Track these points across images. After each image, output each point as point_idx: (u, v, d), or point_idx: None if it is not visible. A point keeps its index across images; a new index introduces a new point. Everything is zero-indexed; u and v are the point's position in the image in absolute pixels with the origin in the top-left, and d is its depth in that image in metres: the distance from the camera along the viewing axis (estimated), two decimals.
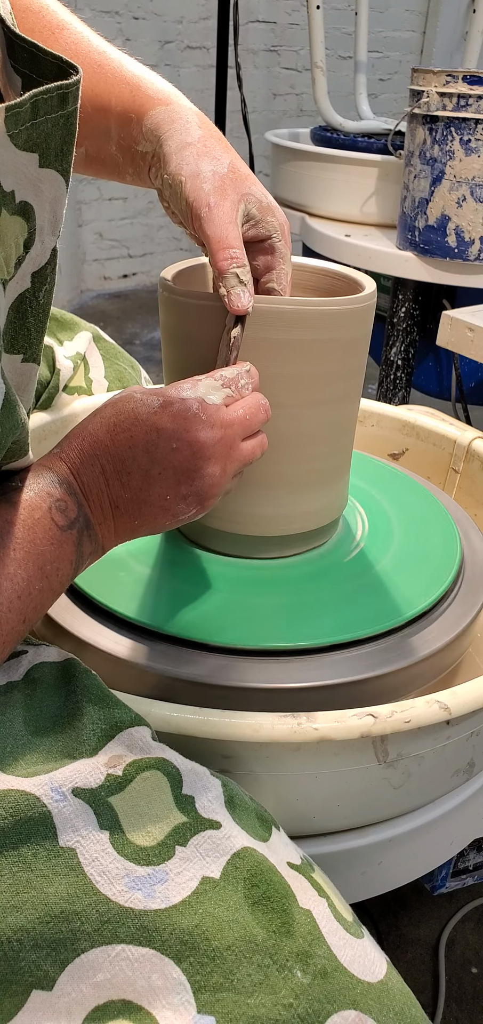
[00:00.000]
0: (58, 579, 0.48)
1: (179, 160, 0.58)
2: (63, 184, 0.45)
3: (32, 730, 0.45)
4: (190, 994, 0.38)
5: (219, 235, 0.56)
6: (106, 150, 0.65)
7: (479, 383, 1.66)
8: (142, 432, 0.50)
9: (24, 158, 0.41)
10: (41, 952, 0.38)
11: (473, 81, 1.32)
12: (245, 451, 0.55)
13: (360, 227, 1.68)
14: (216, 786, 0.45)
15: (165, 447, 0.50)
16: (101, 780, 0.43)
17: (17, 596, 0.45)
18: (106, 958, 0.38)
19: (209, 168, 0.57)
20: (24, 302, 0.46)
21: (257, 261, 0.63)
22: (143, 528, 0.53)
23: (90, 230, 3.29)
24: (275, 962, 0.39)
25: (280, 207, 0.62)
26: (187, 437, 0.50)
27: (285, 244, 0.63)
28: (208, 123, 0.61)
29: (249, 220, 0.60)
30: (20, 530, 0.46)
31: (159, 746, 0.46)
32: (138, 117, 0.61)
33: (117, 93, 0.62)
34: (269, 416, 0.57)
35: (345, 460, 0.72)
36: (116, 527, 0.52)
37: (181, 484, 0.51)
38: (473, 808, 0.65)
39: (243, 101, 2.29)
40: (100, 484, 0.50)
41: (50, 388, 0.90)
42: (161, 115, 0.60)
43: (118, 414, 0.51)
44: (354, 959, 0.42)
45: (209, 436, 0.51)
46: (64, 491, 0.49)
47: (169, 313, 0.65)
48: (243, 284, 0.56)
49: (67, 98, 0.43)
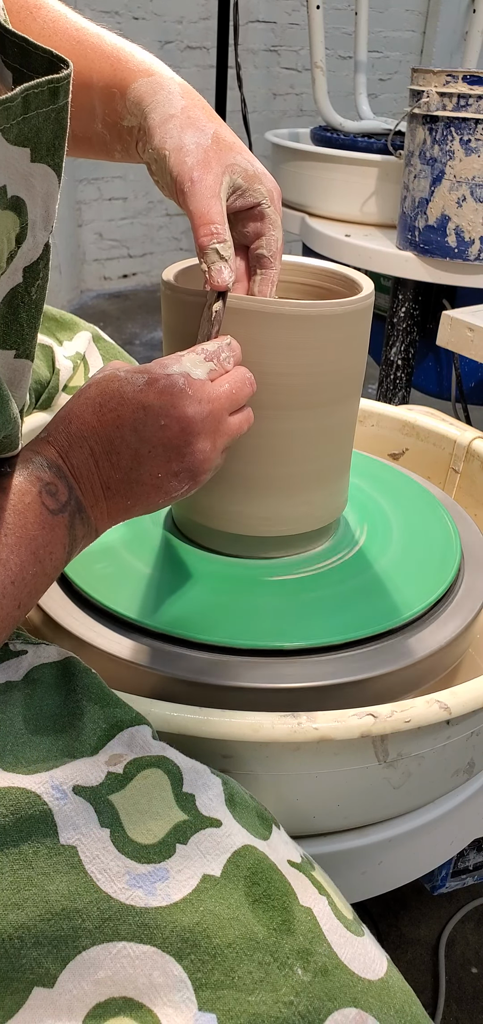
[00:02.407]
0: (52, 563, 0.48)
1: (163, 133, 0.57)
2: (55, 179, 0.45)
3: (32, 729, 0.45)
4: (191, 991, 0.38)
5: (201, 210, 0.55)
6: (92, 128, 0.64)
7: (479, 383, 1.66)
8: (129, 411, 0.49)
9: (16, 152, 0.41)
10: (42, 949, 0.38)
11: (473, 81, 1.32)
12: (233, 425, 0.55)
13: (360, 227, 1.68)
14: (216, 784, 0.45)
15: (153, 424, 0.50)
16: (102, 778, 0.43)
17: (11, 582, 0.45)
18: (107, 955, 0.38)
19: (192, 140, 0.56)
20: (16, 297, 0.46)
21: (247, 228, 0.62)
22: (137, 508, 0.52)
23: (90, 230, 3.29)
24: (276, 960, 0.39)
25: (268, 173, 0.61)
26: (175, 413, 0.50)
27: (275, 210, 0.62)
28: (191, 92, 0.60)
29: (236, 190, 0.59)
30: (11, 516, 0.45)
31: (159, 744, 0.46)
32: (121, 91, 0.60)
33: (98, 68, 0.61)
34: (255, 389, 0.57)
35: (345, 461, 0.72)
36: (109, 509, 0.51)
37: (172, 461, 0.51)
38: (473, 808, 0.65)
39: (243, 101, 2.29)
40: (90, 466, 0.49)
41: (50, 388, 0.90)
42: (144, 87, 0.59)
43: (103, 394, 0.50)
44: (354, 957, 0.42)
45: (197, 411, 0.51)
46: (54, 474, 0.48)
47: (171, 311, 0.65)
48: (224, 260, 0.55)
49: (58, 92, 0.43)
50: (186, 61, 3.24)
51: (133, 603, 0.64)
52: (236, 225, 0.62)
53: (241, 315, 0.59)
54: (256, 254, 0.63)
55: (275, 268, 0.63)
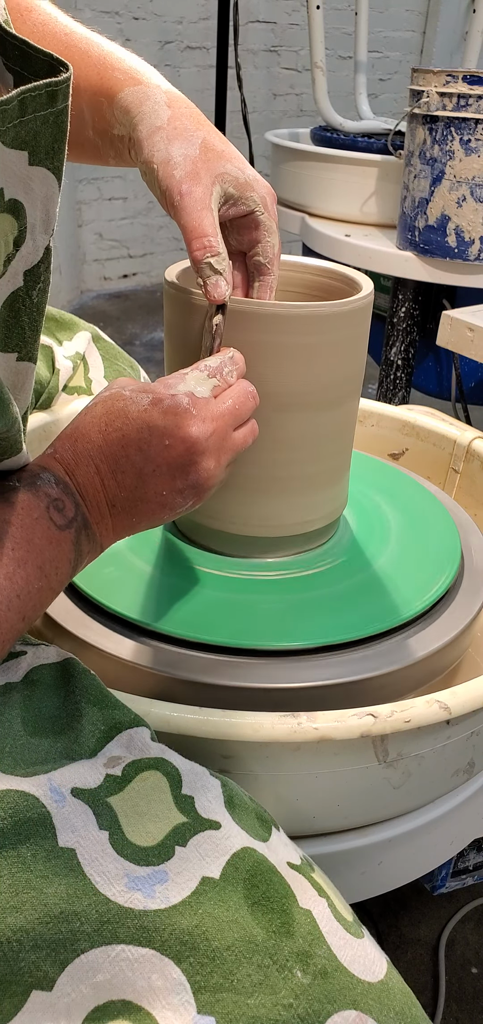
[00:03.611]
0: (57, 578, 0.48)
1: (150, 146, 0.56)
2: (55, 182, 0.45)
3: (31, 731, 0.45)
4: (190, 994, 0.38)
5: (192, 224, 0.54)
6: (84, 135, 0.63)
7: (479, 383, 1.66)
8: (134, 430, 0.50)
9: (13, 155, 0.41)
10: (41, 953, 0.38)
11: (473, 81, 1.32)
12: (237, 440, 0.55)
13: (360, 227, 1.68)
14: (215, 786, 0.45)
15: (158, 444, 0.50)
16: (100, 781, 0.43)
17: (16, 595, 0.45)
18: (106, 958, 0.38)
19: (180, 152, 0.55)
20: (17, 300, 0.46)
21: (242, 236, 0.62)
22: (142, 524, 0.53)
23: (90, 230, 3.29)
24: (275, 962, 0.39)
25: (261, 177, 0.60)
26: (179, 433, 0.50)
27: (269, 216, 0.61)
28: (178, 100, 0.59)
29: (228, 200, 0.58)
30: (18, 530, 0.46)
31: (158, 746, 0.46)
32: (108, 100, 0.60)
33: (85, 76, 0.60)
34: (257, 403, 0.57)
35: (345, 461, 0.72)
36: (114, 525, 0.52)
37: (176, 479, 0.51)
38: (473, 808, 0.65)
39: (243, 101, 2.29)
40: (95, 484, 0.50)
41: (50, 388, 0.90)
42: (130, 96, 0.59)
43: (109, 413, 0.51)
44: (354, 959, 0.42)
45: (201, 430, 0.51)
46: (61, 490, 0.48)
47: (174, 311, 0.65)
48: (219, 273, 0.55)
49: (57, 95, 0.42)
50: (186, 61, 3.24)
51: (133, 603, 0.64)
52: (231, 233, 0.62)
53: (240, 317, 0.59)
54: (254, 261, 0.63)
55: (273, 274, 0.63)
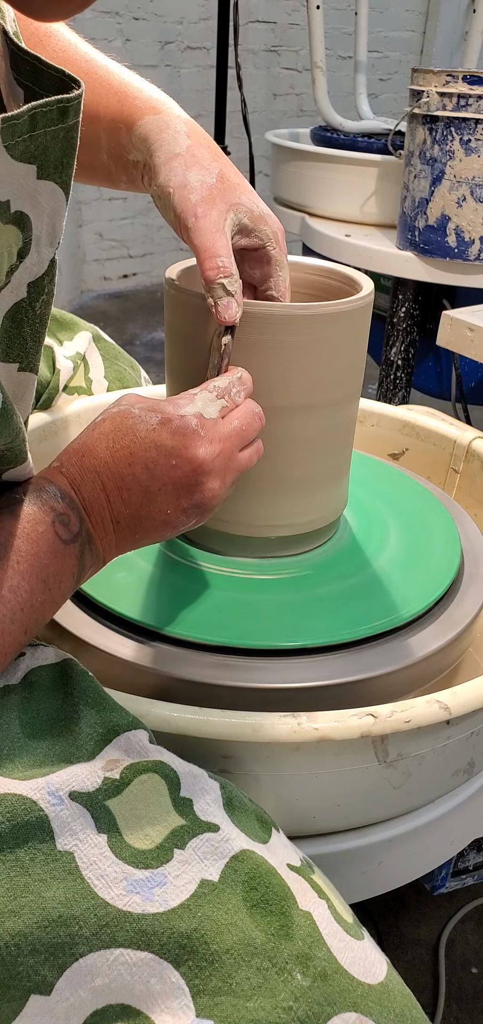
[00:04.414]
0: (60, 591, 0.48)
1: (167, 171, 0.58)
2: (63, 196, 0.45)
3: (29, 733, 0.45)
4: (189, 998, 0.38)
5: (206, 244, 0.55)
6: (97, 159, 0.64)
7: (479, 383, 1.66)
8: (141, 449, 0.50)
9: (21, 169, 0.41)
10: (39, 957, 0.38)
11: (473, 81, 1.32)
12: (243, 461, 0.56)
13: (360, 227, 1.68)
14: (214, 788, 0.45)
15: (165, 464, 0.50)
16: (98, 783, 0.42)
17: (20, 608, 0.45)
18: (104, 962, 0.38)
19: (197, 178, 0.57)
20: (20, 311, 0.46)
21: (254, 271, 0.63)
22: (144, 540, 0.53)
23: (90, 230, 3.29)
24: (274, 965, 0.39)
25: (273, 213, 0.62)
26: (187, 454, 0.51)
27: (280, 251, 0.63)
28: (198, 131, 0.61)
29: (241, 230, 0.60)
30: (24, 543, 0.46)
31: (156, 749, 0.46)
32: (127, 127, 0.61)
33: (105, 103, 0.62)
34: (264, 424, 0.58)
35: (345, 461, 0.71)
36: (117, 541, 0.52)
37: (181, 498, 0.52)
38: (473, 808, 0.64)
39: (243, 101, 2.29)
40: (101, 500, 0.50)
41: (50, 388, 0.90)
42: (150, 125, 0.60)
43: (117, 430, 0.51)
44: (354, 961, 0.41)
45: (208, 452, 0.52)
46: (66, 505, 0.49)
47: (175, 312, 0.65)
48: (230, 295, 0.56)
49: (68, 112, 0.43)
50: (186, 61, 3.24)
51: (134, 603, 0.64)
52: (242, 265, 0.62)
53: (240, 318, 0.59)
54: (266, 296, 0.64)
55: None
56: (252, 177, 2.36)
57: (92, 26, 2.92)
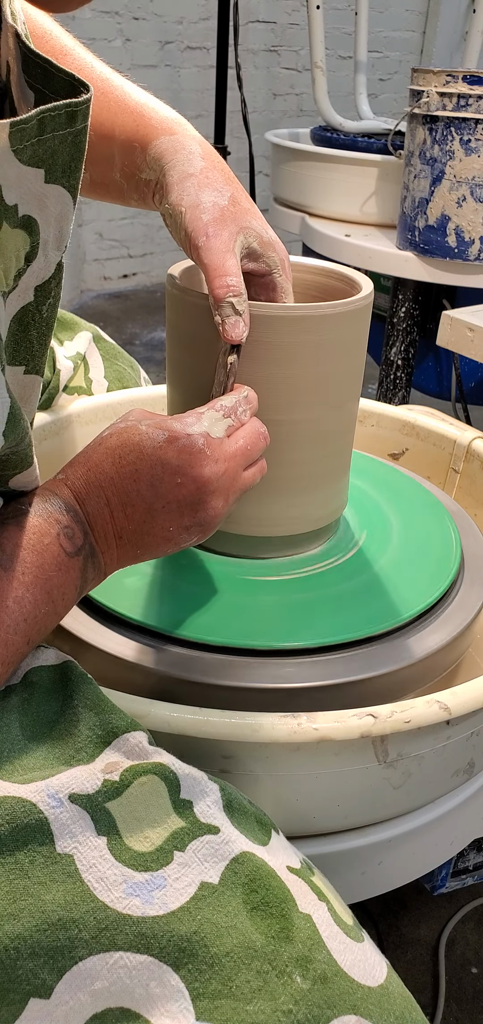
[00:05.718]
0: (63, 603, 0.49)
1: (180, 191, 0.58)
2: (70, 200, 0.45)
3: (28, 735, 0.45)
4: (188, 1001, 0.38)
5: (216, 263, 0.56)
6: (110, 176, 0.65)
7: (479, 383, 1.66)
8: (147, 466, 0.51)
9: (29, 173, 0.41)
10: (39, 960, 0.38)
11: (473, 81, 1.32)
12: (247, 480, 0.57)
13: (360, 227, 1.68)
14: (214, 790, 0.45)
15: (170, 482, 0.51)
16: (98, 786, 0.42)
17: (24, 619, 0.46)
18: (104, 966, 0.38)
19: (210, 199, 0.57)
20: (27, 315, 0.46)
21: (259, 295, 0.64)
22: (145, 555, 0.54)
23: (90, 230, 3.29)
24: (274, 968, 0.39)
25: (280, 241, 0.63)
26: (192, 473, 0.51)
27: (286, 279, 0.64)
28: (212, 154, 0.62)
29: (249, 254, 0.60)
30: (29, 554, 0.46)
31: (156, 751, 0.46)
32: (142, 146, 0.62)
33: (121, 123, 0.63)
34: (268, 443, 0.58)
35: (345, 461, 0.71)
36: (119, 555, 0.52)
37: (184, 516, 0.52)
38: (473, 808, 0.64)
39: (243, 101, 2.29)
40: (105, 515, 0.50)
41: (50, 388, 0.90)
42: (164, 145, 0.61)
43: (123, 446, 0.51)
44: (354, 963, 0.41)
45: (213, 471, 0.52)
46: (71, 518, 0.49)
47: (177, 312, 0.65)
48: (238, 314, 0.56)
49: (76, 116, 0.43)
50: (186, 61, 3.24)
51: (134, 603, 0.64)
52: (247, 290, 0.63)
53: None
54: None
55: None
56: (252, 177, 2.36)
57: (92, 26, 2.92)
